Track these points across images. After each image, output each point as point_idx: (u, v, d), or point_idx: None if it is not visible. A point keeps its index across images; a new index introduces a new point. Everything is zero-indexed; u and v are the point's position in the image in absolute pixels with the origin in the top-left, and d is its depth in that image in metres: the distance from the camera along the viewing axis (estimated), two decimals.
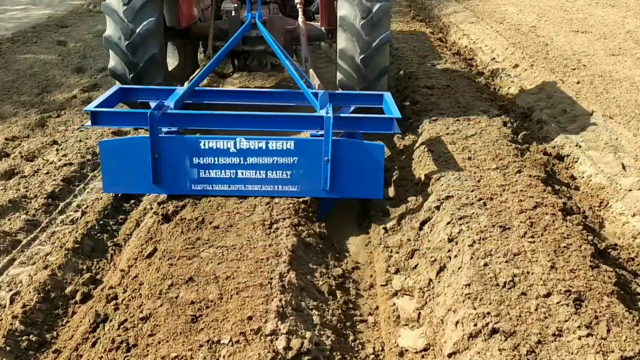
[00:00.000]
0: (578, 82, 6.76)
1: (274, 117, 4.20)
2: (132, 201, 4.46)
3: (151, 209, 4.34)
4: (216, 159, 4.03)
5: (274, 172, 4.04)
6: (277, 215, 3.81)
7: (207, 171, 4.04)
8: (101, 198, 4.41)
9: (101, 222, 4.07)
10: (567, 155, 5.13)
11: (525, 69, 7.41)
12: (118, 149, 4.08)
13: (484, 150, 4.59)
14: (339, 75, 5.09)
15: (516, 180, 4.07)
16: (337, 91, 4.97)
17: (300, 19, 5.61)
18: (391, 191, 4.51)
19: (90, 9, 12.58)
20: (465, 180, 4.09)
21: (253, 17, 5.14)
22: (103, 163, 4.09)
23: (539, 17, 10.57)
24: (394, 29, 9.40)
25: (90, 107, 4.19)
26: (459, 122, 5.20)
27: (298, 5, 5.77)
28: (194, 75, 5.02)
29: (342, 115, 4.22)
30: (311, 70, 5.26)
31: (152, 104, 4.20)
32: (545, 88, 6.70)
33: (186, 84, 4.79)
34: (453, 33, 10.09)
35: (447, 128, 5.04)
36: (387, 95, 4.60)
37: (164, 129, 4.10)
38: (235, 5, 5.74)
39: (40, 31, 10.13)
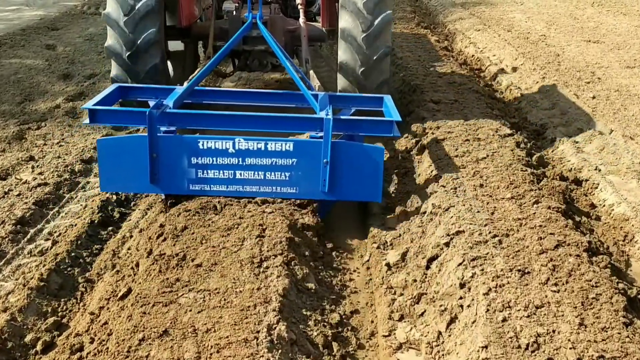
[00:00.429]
0: (594, 97, 6.36)
1: (274, 118, 4.12)
2: (110, 228, 4.07)
3: (131, 236, 3.95)
4: (214, 159, 3.94)
5: (273, 173, 3.97)
6: (267, 250, 3.41)
7: (205, 171, 3.96)
8: (75, 224, 4.01)
9: (73, 253, 3.67)
10: (586, 180, 4.73)
11: (537, 82, 7.00)
12: (116, 148, 3.98)
13: (497, 175, 4.18)
14: (339, 85, 5.10)
15: (534, 213, 3.66)
16: (337, 93, 4.93)
17: (302, 19, 5.53)
18: (393, 221, 4.11)
19: (84, 11, 12.19)
20: (478, 211, 3.69)
21: (254, 17, 5.07)
22: (100, 161, 3.99)
23: (549, 25, 10.17)
24: (398, 36, 9.01)
25: (89, 104, 4.07)
26: (469, 142, 4.80)
27: (299, 6, 5.68)
28: (193, 74, 4.91)
29: (341, 117, 4.13)
30: (311, 72, 5.21)
31: (151, 103, 4.12)
32: (558, 103, 6.30)
33: (185, 84, 4.69)
34: (459, 41, 9.69)
35: (456, 149, 4.64)
36: (387, 98, 4.51)
37: (163, 128, 4.00)
38: (237, 5, 5.69)
39: (30, 34, 9.74)
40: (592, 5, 12.11)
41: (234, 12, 5.60)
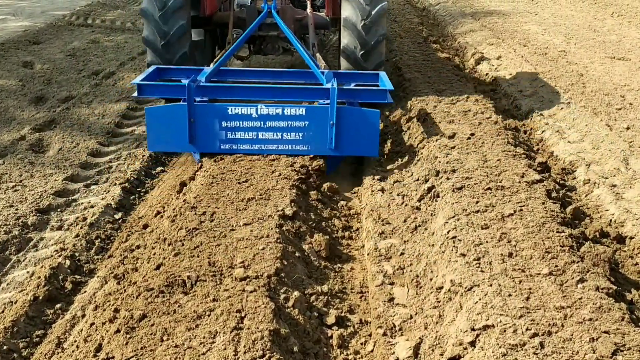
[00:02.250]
0: (628, 128, 5.61)
1: (289, 89, 5.03)
2: (58, 305, 3.35)
3: (83, 315, 3.23)
4: (241, 122, 4.77)
5: (289, 134, 4.81)
6: (244, 352, 2.68)
7: (233, 133, 4.80)
8: (15, 301, 3.30)
9: (5, 346, 2.95)
10: (631, 238, 3.99)
11: (562, 108, 6.26)
12: (160, 114, 4.78)
13: (528, 240, 3.45)
14: (342, 67, 5.90)
15: (580, 298, 2.92)
16: (340, 71, 5.75)
17: (309, 9, 6.33)
18: (402, 295, 3.38)
19: (71, 22, 11.51)
20: (509, 295, 2.96)
21: (269, 7, 5.61)
22: (148, 126, 4.81)
23: (567, 39, 9.43)
24: (405, 53, 8.28)
25: (136, 80, 4.91)
26: (491, 192, 4.06)
27: None
28: (218, 57, 5.79)
29: (344, 87, 5.07)
30: (318, 54, 5.96)
31: (184, 82, 4.87)
32: (588, 135, 5.55)
33: (212, 65, 5.42)
34: (471, 57, 8.95)
35: (477, 202, 3.90)
36: (383, 74, 5.35)
37: (197, 99, 4.82)
38: None
39: (9, 49, 9.05)
40: (612, 15, 11.36)
41: (249, 3, 6.46)
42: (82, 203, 4.49)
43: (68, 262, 3.63)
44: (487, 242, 3.45)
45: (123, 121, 6.23)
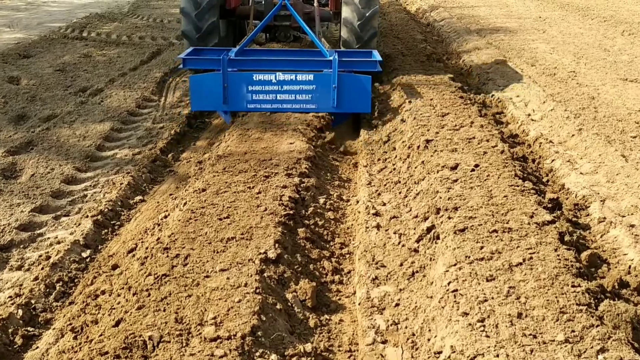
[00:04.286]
0: None
1: (300, 60, 6.36)
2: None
3: None
4: (263, 87, 6.06)
5: (301, 95, 6.10)
6: None
7: (257, 95, 6.09)
8: None
9: None
10: None
11: (573, 135, 5.86)
12: (201, 81, 6.09)
13: (539, 297, 3.04)
14: (342, 37, 7.24)
15: None
16: (340, 49, 7.04)
17: (315, 3, 7.52)
18: (395, 358, 2.97)
19: (66, 34, 11.21)
20: None
21: (284, 0, 6.81)
22: (192, 90, 6.10)
23: (577, 59, 9.04)
24: (407, 71, 7.89)
25: (181, 56, 6.29)
26: (497, 235, 3.65)
27: None
28: (241, 40, 6.88)
29: (343, 58, 6.17)
30: (322, 39, 7.10)
31: (219, 57, 6.07)
32: (602, 166, 5.15)
33: (237, 46, 6.63)
34: (476, 76, 8.58)
35: (481, 248, 3.50)
36: (375, 52, 6.68)
37: (229, 70, 6.04)
38: None
39: None
40: (622, 34, 10.98)
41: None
42: (49, 238, 4.10)
43: (21, 311, 3.23)
44: (492, 298, 3.05)
45: (105, 144, 5.86)
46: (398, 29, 11.83)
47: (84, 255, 3.92)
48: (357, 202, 4.83)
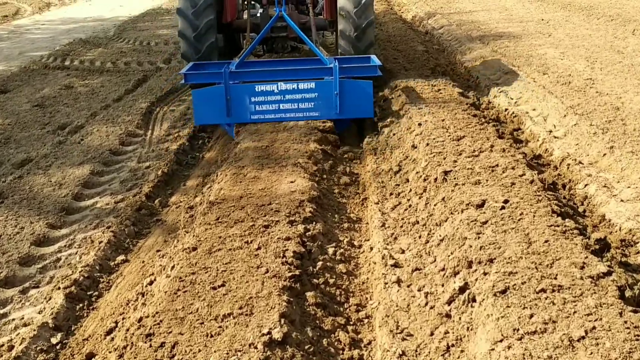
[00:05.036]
0: None
1: (301, 69, 6.42)
2: None
3: None
4: (266, 97, 6.14)
5: (303, 103, 6.17)
6: None
7: (260, 106, 6.16)
8: None
9: None
10: None
11: (604, 154, 5.26)
12: (204, 95, 6.15)
13: None
14: (340, 48, 7.33)
15: None
16: (339, 56, 7.07)
17: (311, 13, 7.64)
18: None
19: (47, 64, 10.64)
20: None
21: (281, 11, 6.83)
22: (195, 104, 6.14)
23: (591, 64, 8.45)
24: (412, 88, 7.30)
25: (183, 71, 6.41)
26: (547, 296, 3.03)
27: (309, 4, 7.91)
28: (240, 53, 6.91)
29: (343, 65, 6.31)
30: (320, 47, 7.06)
31: (220, 70, 6.21)
32: None
33: (236, 59, 6.72)
34: (485, 87, 8.00)
35: (531, 317, 2.88)
36: (373, 56, 6.69)
37: (230, 82, 6.11)
38: (265, 6, 7.90)
39: None
40: (634, 33, 10.41)
41: (263, 12, 7.71)
42: (14, 320, 3.49)
43: None
44: None
45: (83, 191, 5.26)
46: (397, 39, 11.26)
47: (54, 341, 3.30)
48: (371, 248, 4.23)
